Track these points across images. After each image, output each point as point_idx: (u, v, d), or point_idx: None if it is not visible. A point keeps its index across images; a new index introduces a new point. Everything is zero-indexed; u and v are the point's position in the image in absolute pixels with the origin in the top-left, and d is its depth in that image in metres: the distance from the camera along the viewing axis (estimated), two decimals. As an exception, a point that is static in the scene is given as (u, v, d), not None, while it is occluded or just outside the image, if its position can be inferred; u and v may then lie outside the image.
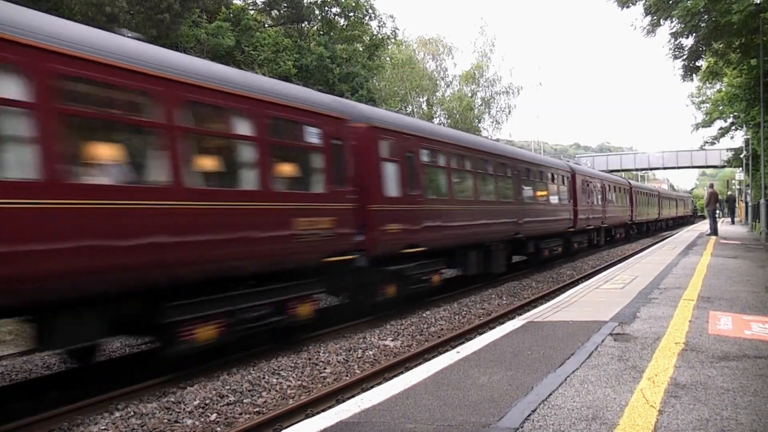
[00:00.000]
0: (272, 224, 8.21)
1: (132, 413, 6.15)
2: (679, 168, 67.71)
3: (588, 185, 25.01)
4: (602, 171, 43.62)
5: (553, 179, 20.98)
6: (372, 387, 5.92)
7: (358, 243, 9.90)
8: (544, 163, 21.44)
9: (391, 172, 11.07)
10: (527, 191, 18.33)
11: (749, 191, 37.19)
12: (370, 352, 8.66)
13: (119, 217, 6.23)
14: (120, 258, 6.17)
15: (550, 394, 4.27)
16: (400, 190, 11.23)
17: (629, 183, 35.42)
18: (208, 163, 7.68)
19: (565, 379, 4.63)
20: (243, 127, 7.96)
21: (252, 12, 26.91)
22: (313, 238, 8.76)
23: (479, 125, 41.75)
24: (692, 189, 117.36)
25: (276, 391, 6.96)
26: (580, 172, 24.40)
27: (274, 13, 28.48)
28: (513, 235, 16.51)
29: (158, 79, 6.73)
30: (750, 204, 35.74)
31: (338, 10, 27.89)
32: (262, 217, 8.07)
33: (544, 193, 20.01)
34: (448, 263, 13.45)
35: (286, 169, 8.88)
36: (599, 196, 26.89)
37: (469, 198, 14.36)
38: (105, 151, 6.43)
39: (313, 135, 9.23)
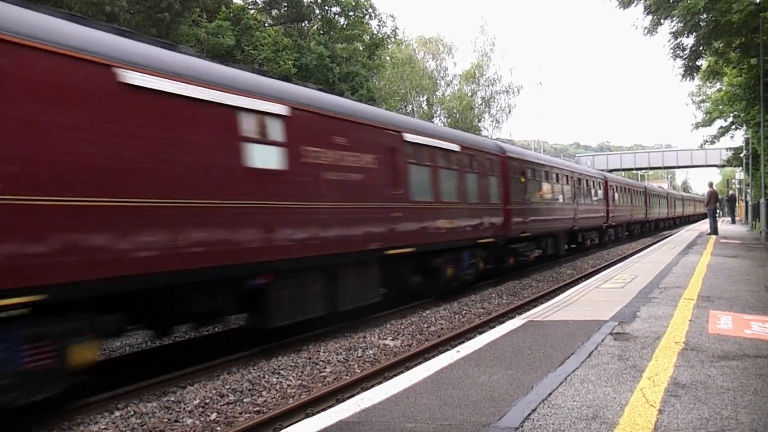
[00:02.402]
0: None
1: (132, 413, 6.15)
2: (678, 168, 67.80)
3: (533, 176, 18.02)
4: (602, 170, 42.21)
5: (458, 164, 13.28)
6: (372, 386, 5.92)
7: None
8: (439, 134, 13.17)
9: None
10: (390, 181, 10.68)
11: (749, 191, 37.20)
12: (370, 352, 8.66)
13: None
14: None
15: (550, 394, 4.27)
16: None
17: (604, 176, 29.37)
18: None
19: (565, 379, 4.63)
20: None
21: (252, 11, 26.94)
22: None
23: (479, 124, 41.85)
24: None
25: (276, 390, 6.96)
26: (516, 156, 17.08)
27: (274, 12, 28.51)
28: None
29: None
30: (750, 203, 35.74)
31: (338, 9, 27.90)
32: None
33: (434, 185, 12.31)
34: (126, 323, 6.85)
35: None
36: (555, 193, 20.51)
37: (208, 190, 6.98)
38: None
39: None
